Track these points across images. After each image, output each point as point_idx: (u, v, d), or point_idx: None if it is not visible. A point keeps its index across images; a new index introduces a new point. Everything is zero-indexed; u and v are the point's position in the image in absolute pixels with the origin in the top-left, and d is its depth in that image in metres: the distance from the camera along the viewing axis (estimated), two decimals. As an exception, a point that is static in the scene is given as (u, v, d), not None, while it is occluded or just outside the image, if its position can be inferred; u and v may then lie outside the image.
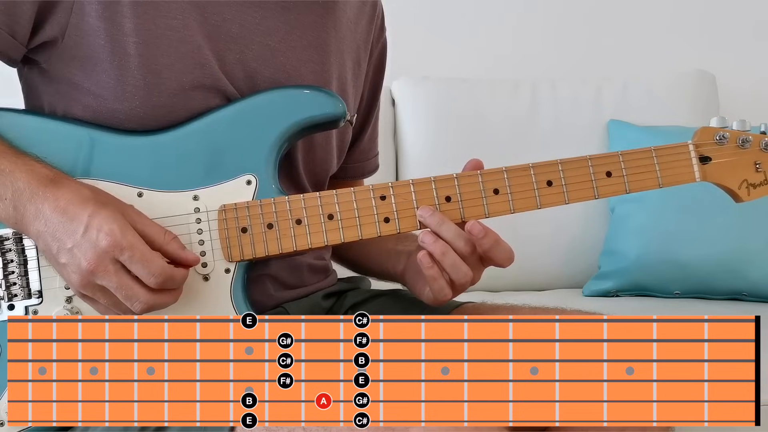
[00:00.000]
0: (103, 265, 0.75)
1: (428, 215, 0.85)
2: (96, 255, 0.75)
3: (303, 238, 0.86)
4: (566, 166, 0.88)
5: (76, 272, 0.76)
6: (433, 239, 0.84)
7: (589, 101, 1.90)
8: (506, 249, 0.85)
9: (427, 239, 0.84)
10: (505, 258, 0.85)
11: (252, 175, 0.86)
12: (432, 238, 0.84)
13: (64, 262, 0.77)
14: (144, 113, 0.85)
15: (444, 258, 0.83)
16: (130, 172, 0.85)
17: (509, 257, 0.85)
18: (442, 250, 0.83)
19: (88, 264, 0.75)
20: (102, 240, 0.75)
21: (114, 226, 0.75)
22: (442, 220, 0.84)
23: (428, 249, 0.84)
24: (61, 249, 0.77)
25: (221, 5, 0.89)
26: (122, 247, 0.75)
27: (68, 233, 0.76)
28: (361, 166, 1.15)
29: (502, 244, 0.85)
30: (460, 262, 0.84)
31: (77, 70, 0.85)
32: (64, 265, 0.77)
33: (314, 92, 0.90)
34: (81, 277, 0.76)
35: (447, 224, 0.84)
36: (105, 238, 0.75)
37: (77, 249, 0.76)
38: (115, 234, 0.75)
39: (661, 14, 2.16)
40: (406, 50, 1.59)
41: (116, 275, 0.76)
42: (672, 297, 1.70)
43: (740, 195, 0.92)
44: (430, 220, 0.85)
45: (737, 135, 0.92)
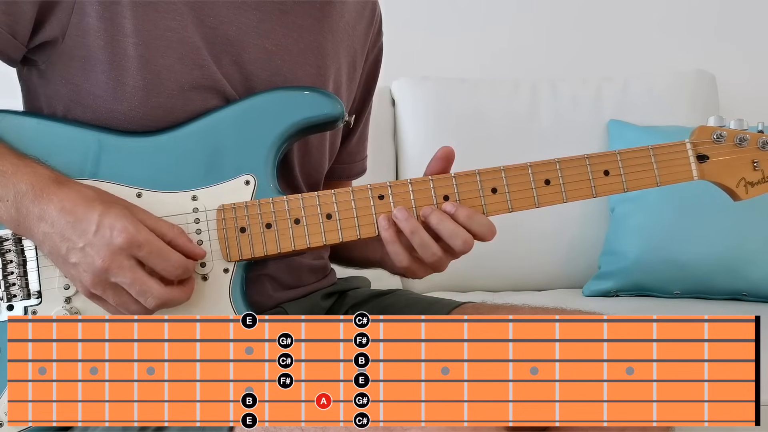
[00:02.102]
0: (118, 262, 0.76)
1: (404, 218, 0.85)
2: (111, 252, 0.75)
3: (301, 238, 0.86)
4: (564, 165, 0.89)
5: (88, 271, 0.77)
6: (406, 216, 0.84)
7: (589, 101, 1.90)
8: (485, 222, 0.85)
9: (400, 215, 0.84)
10: (486, 231, 0.85)
11: (250, 176, 0.86)
12: (405, 215, 0.84)
13: (75, 261, 0.77)
14: (143, 114, 0.85)
15: (413, 235, 0.84)
16: (129, 173, 0.85)
17: (490, 230, 0.85)
18: (412, 229, 0.84)
19: (103, 261, 0.75)
20: (117, 237, 0.75)
21: (126, 223, 0.76)
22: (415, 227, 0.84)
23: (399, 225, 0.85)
24: (72, 249, 0.77)
25: (218, 7, 0.89)
26: (139, 243, 0.76)
27: (78, 233, 0.76)
28: (348, 167, 1.16)
29: (479, 217, 0.85)
30: (429, 240, 0.84)
31: (77, 70, 0.85)
32: (75, 265, 0.77)
33: (313, 93, 0.90)
34: (93, 276, 0.76)
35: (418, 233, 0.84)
36: (120, 235, 0.75)
37: (90, 248, 0.76)
38: (129, 231, 0.76)
39: (661, 14, 2.16)
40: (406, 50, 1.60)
41: (131, 271, 0.76)
42: (672, 297, 1.70)
43: (738, 193, 0.92)
44: (404, 224, 0.85)
45: (735, 134, 0.92)
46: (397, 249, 0.85)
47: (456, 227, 0.84)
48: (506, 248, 1.72)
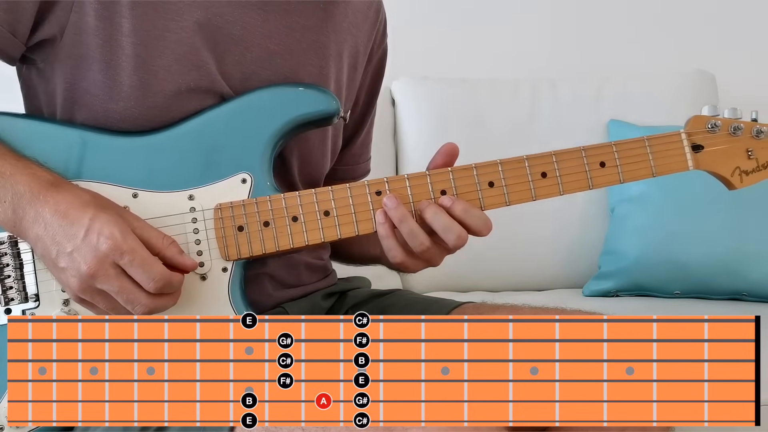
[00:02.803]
0: (104, 269, 0.75)
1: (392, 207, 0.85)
2: (96, 259, 0.75)
3: (299, 236, 0.86)
4: (560, 157, 0.89)
5: (75, 276, 0.76)
6: (395, 204, 0.84)
7: (589, 101, 1.90)
8: (481, 216, 0.85)
9: (389, 203, 0.84)
10: (481, 226, 0.85)
11: (247, 174, 0.86)
12: (394, 203, 0.84)
13: (63, 266, 0.77)
14: (139, 114, 0.85)
15: (401, 224, 0.84)
16: (125, 173, 0.85)
17: (485, 224, 0.85)
18: (400, 217, 0.84)
19: (89, 268, 0.75)
20: (103, 244, 0.75)
21: (115, 230, 0.75)
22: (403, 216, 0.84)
23: (388, 213, 0.85)
24: (61, 253, 0.77)
25: (223, 6, 0.89)
26: (123, 251, 0.75)
27: (68, 237, 0.76)
28: (351, 169, 1.15)
29: (475, 211, 0.85)
30: (418, 229, 0.84)
31: (74, 69, 0.85)
32: (63, 269, 0.77)
33: (308, 89, 0.90)
34: (80, 281, 0.76)
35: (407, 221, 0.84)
36: (106, 241, 0.75)
37: (77, 253, 0.76)
38: (115, 238, 0.75)
39: (661, 14, 2.16)
40: (406, 50, 1.59)
41: (117, 279, 0.76)
42: (672, 297, 1.70)
43: (733, 182, 0.92)
44: (393, 212, 0.85)
45: (729, 123, 0.92)
46: (392, 244, 0.85)
47: (450, 221, 0.84)
48: (506, 248, 1.72)
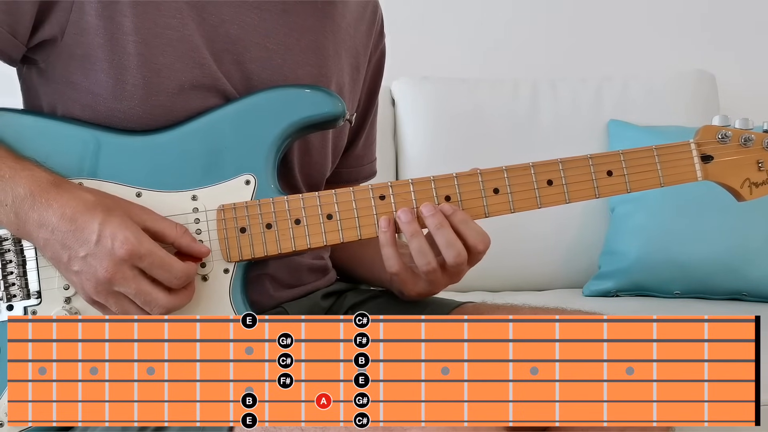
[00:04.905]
0: (122, 272, 0.76)
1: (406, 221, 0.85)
2: (113, 263, 0.75)
3: (302, 239, 0.85)
4: (567, 165, 0.88)
5: (90, 280, 0.76)
6: (410, 219, 0.84)
7: (589, 101, 1.90)
8: (479, 230, 0.85)
9: (403, 217, 0.84)
10: (478, 240, 0.85)
11: (251, 175, 0.86)
12: (409, 217, 0.84)
13: (77, 269, 0.77)
14: (143, 112, 0.85)
15: (412, 239, 0.84)
16: (129, 173, 0.85)
17: (483, 240, 0.85)
18: (412, 232, 0.84)
19: (106, 272, 0.75)
20: (119, 249, 0.75)
21: (128, 234, 0.76)
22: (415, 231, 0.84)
23: (401, 227, 0.85)
24: (74, 257, 0.77)
25: (220, 6, 0.89)
26: (141, 254, 0.76)
27: (80, 242, 0.76)
28: (355, 171, 1.15)
29: (472, 224, 0.85)
30: (427, 248, 0.84)
31: (76, 69, 0.85)
32: (77, 273, 0.77)
33: (313, 91, 0.89)
34: (97, 285, 0.76)
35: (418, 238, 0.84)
36: (122, 246, 0.75)
37: (92, 258, 0.76)
38: (131, 242, 0.75)
39: (661, 14, 2.16)
40: (406, 50, 1.59)
41: (135, 281, 0.76)
42: (672, 297, 1.70)
43: (742, 194, 0.92)
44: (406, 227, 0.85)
45: (740, 133, 0.91)
46: (391, 252, 0.85)
47: (453, 238, 0.84)
48: (506, 248, 1.72)
